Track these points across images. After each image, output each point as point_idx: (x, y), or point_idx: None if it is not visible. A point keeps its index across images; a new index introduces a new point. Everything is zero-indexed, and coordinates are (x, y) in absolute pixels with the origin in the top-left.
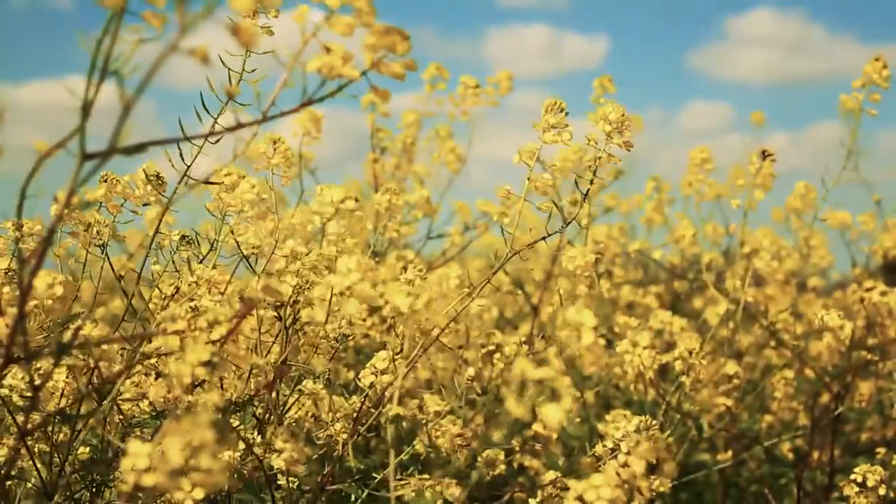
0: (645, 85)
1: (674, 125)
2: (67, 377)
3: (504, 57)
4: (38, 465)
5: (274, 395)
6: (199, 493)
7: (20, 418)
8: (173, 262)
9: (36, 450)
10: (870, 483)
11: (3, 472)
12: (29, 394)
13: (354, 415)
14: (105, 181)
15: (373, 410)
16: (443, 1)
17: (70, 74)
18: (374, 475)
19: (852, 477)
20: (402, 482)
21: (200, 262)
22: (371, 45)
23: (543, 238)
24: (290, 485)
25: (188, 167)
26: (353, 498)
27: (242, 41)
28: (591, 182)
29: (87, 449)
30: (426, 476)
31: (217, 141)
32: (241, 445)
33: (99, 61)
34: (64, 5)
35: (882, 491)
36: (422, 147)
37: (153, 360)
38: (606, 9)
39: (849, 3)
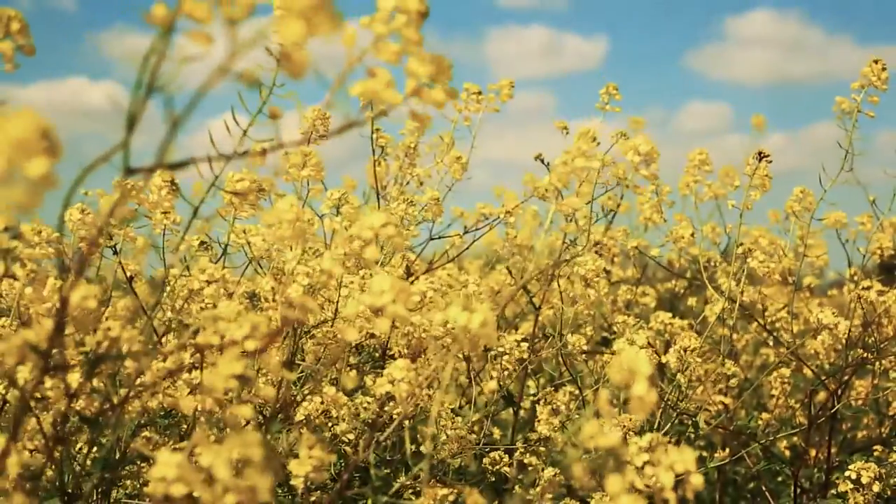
0: (644, 86)
1: (673, 126)
2: (81, 379)
3: (504, 58)
4: (58, 467)
5: (286, 395)
6: (231, 500)
7: (47, 424)
8: (187, 268)
9: (55, 450)
10: (864, 480)
11: (32, 475)
12: (40, 395)
13: (370, 420)
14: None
15: (393, 417)
16: (443, 1)
17: (72, 76)
18: (379, 471)
19: (847, 473)
20: (418, 488)
21: (216, 262)
22: (414, 73)
23: (566, 261)
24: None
25: (216, 177)
26: (370, 502)
27: (292, 71)
28: (618, 205)
29: (95, 448)
30: (439, 483)
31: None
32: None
33: (145, 78)
34: (68, 6)
35: (876, 488)
36: (423, 150)
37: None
38: (605, 10)
39: (847, 4)
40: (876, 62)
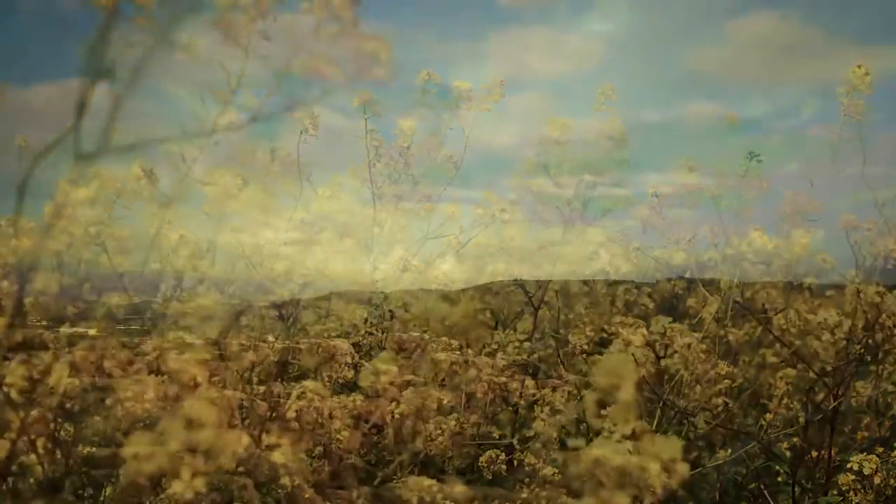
0: (644, 86)
1: (673, 127)
2: (70, 374)
3: (504, 57)
4: (41, 461)
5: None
6: (200, 483)
7: (21, 413)
8: (171, 263)
9: (39, 445)
10: (866, 471)
11: (3, 466)
12: (26, 389)
13: (356, 413)
14: (97, 178)
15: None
16: (443, 2)
17: (73, 77)
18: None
19: (849, 466)
20: (403, 481)
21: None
22: (354, 52)
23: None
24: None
25: (190, 168)
26: (354, 495)
27: (228, 34)
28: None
29: (88, 447)
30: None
31: (217, 143)
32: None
33: (92, 63)
34: (70, 6)
35: (878, 480)
36: (417, 150)
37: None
38: (606, 10)
39: (848, 6)
40: (859, 66)
